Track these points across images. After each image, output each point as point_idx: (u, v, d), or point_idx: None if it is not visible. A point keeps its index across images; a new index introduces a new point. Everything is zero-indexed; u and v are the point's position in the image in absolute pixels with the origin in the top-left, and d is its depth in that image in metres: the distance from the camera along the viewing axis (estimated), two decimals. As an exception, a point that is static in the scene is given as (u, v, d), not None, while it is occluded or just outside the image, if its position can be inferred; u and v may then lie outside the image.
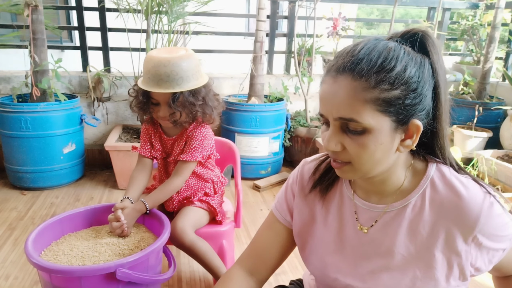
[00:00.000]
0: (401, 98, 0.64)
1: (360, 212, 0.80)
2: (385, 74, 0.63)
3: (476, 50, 3.96)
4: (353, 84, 0.63)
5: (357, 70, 0.63)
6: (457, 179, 0.72)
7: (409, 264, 0.73)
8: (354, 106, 0.64)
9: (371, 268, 0.77)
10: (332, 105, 0.66)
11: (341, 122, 0.67)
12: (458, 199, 0.70)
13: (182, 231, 1.39)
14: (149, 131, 1.54)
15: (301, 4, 3.25)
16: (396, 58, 0.64)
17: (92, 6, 3.20)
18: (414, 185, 0.75)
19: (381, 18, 11.75)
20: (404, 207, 0.74)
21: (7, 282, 1.72)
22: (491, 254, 0.72)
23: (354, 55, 0.65)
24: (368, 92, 0.63)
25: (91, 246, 1.23)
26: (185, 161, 1.45)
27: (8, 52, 3.15)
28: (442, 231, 0.71)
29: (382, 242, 0.76)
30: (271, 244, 0.91)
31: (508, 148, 3.00)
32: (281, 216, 0.92)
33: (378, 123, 0.64)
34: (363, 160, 0.68)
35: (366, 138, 0.65)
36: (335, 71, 0.66)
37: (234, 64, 3.92)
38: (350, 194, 0.82)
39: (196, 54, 1.42)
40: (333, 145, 0.68)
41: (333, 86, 0.66)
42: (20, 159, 2.57)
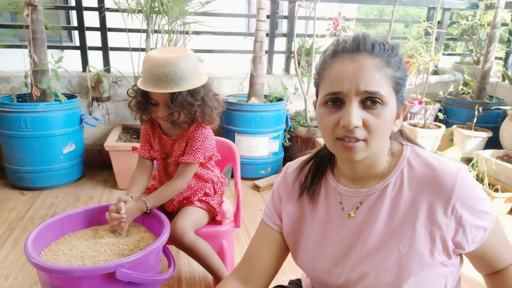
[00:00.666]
0: (403, 79, 0.73)
1: (344, 199, 0.83)
2: (393, 57, 0.72)
3: (476, 50, 3.96)
4: (374, 61, 0.70)
5: (374, 50, 0.70)
6: (431, 156, 0.77)
7: (394, 241, 0.75)
8: (379, 80, 0.69)
9: (359, 253, 0.79)
10: (356, 80, 0.69)
11: (363, 97, 0.69)
12: (433, 172, 0.74)
13: (182, 231, 1.39)
14: (148, 132, 1.54)
15: (301, 4, 3.25)
16: (395, 47, 0.74)
17: (92, 6, 3.20)
18: (393, 166, 0.79)
19: (381, 18, 11.75)
20: (385, 187, 0.78)
21: (7, 282, 1.72)
22: (473, 232, 0.73)
23: (364, 38, 0.71)
24: (387, 68, 0.71)
25: (90, 246, 1.23)
26: (187, 162, 1.45)
27: (8, 52, 3.15)
28: (423, 205, 0.74)
29: (368, 224, 0.79)
30: (264, 250, 0.91)
31: (508, 148, 3.00)
32: (271, 221, 0.92)
33: (391, 99, 0.71)
34: (379, 134, 0.71)
35: (384, 111, 0.70)
36: (350, 51, 0.71)
37: (234, 64, 3.91)
38: (334, 184, 0.84)
39: (195, 54, 1.42)
40: (356, 121, 0.68)
41: (353, 64, 0.70)
42: (20, 159, 2.57)
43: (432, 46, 3.23)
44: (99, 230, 1.35)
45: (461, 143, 3.10)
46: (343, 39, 0.74)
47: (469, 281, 1.82)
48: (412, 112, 3.45)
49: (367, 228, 0.79)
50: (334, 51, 0.73)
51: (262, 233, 0.94)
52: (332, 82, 0.71)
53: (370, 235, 0.78)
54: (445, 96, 3.56)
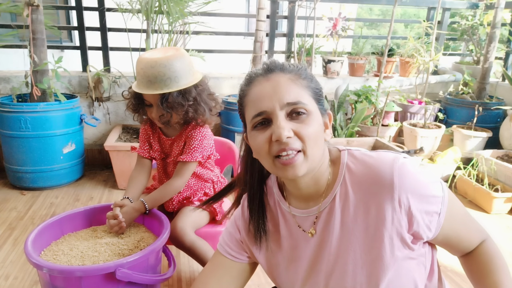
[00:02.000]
0: (319, 89, 0.77)
1: (300, 221, 0.82)
2: (303, 71, 0.77)
3: (476, 50, 3.96)
4: (287, 75, 0.74)
5: (284, 67, 0.76)
6: (367, 156, 0.77)
7: (355, 251, 0.75)
8: (296, 91, 0.73)
9: (326, 270, 0.78)
10: (276, 96, 0.72)
11: (288, 110, 0.71)
12: (371, 171, 0.74)
13: (182, 231, 1.39)
14: (148, 132, 1.54)
15: (301, 4, 3.25)
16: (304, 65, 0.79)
17: (92, 6, 3.20)
18: (335, 176, 0.79)
19: (381, 18, 11.76)
20: (333, 200, 0.77)
21: (7, 282, 1.72)
22: (426, 219, 0.72)
23: (272, 61, 0.77)
24: (301, 80, 0.75)
25: (90, 246, 1.23)
26: (185, 162, 1.45)
27: (8, 52, 3.15)
28: (371, 208, 0.73)
29: (327, 240, 0.78)
30: (210, 281, 0.88)
31: (508, 148, 3.00)
32: (225, 251, 0.90)
33: (314, 107, 0.74)
34: (312, 141, 0.71)
35: (310, 118, 0.72)
36: (263, 74, 0.75)
37: (234, 64, 3.91)
38: (287, 208, 0.84)
39: (187, 54, 1.40)
40: (287, 132, 0.69)
41: (269, 82, 0.74)
42: (20, 159, 2.57)
43: (432, 46, 3.23)
44: (99, 230, 1.36)
45: (461, 143, 3.10)
46: (253, 69, 0.79)
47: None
48: (412, 112, 3.45)
49: (327, 244, 0.78)
50: (249, 79, 0.77)
51: (214, 263, 0.91)
52: (254, 105, 0.73)
53: (331, 250, 0.77)
54: (445, 96, 3.56)
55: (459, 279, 1.83)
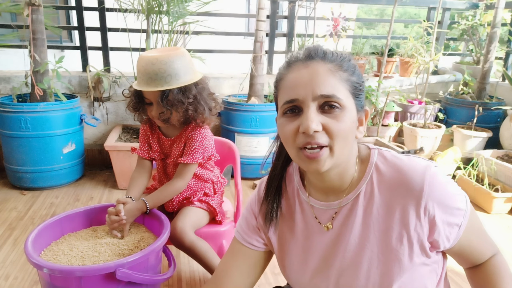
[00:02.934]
0: (359, 84, 0.73)
1: (318, 213, 0.81)
2: (347, 62, 0.73)
3: (476, 50, 3.96)
4: (328, 65, 0.71)
5: (327, 56, 0.72)
6: (398, 159, 0.76)
7: (371, 250, 0.75)
8: (333, 84, 0.69)
9: (340, 265, 0.78)
10: (311, 85, 0.69)
11: (320, 102, 0.69)
12: (401, 175, 0.73)
13: (182, 231, 1.39)
14: (147, 132, 1.54)
15: (301, 4, 3.25)
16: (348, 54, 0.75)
17: (92, 6, 3.20)
18: (362, 174, 0.78)
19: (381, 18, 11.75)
20: (357, 197, 0.77)
21: (7, 282, 1.72)
22: (447, 230, 0.72)
23: (316, 47, 0.73)
24: (341, 72, 0.71)
25: (91, 246, 1.23)
26: (186, 163, 1.45)
27: (8, 52, 3.15)
28: (396, 210, 0.73)
29: (344, 235, 0.78)
30: (232, 269, 0.88)
31: (508, 148, 3.00)
32: (243, 238, 0.90)
33: (350, 103, 0.71)
34: (341, 138, 0.69)
35: (343, 114, 0.69)
36: (303, 60, 0.72)
37: (234, 64, 3.91)
38: (306, 198, 0.83)
39: (188, 52, 1.41)
40: (315, 125, 0.67)
41: (307, 70, 0.70)
42: (20, 159, 2.57)
43: (432, 46, 3.23)
44: (99, 230, 1.36)
45: (461, 143, 3.10)
46: (296, 51, 0.75)
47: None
48: (412, 112, 3.45)
49: (343, 240, 0.78)
50: (288, 62, 0.74)
51: (233, 251, 0.91)
52: (288, 90, 0.71)
53: (348, 247, 0.77)
54: (445, 96, 3.56)
55: (459, 279, 1.83)
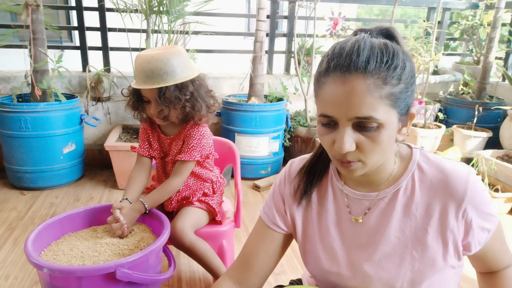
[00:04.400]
0: (404, 91, 0.67)
1: (352, 202, 0.81)
2: (393, 71, 0.65)
3: (476, 50, 3.96)
4: (367, 83, 0.63)
5: (368, 68, 0.64)
6: (441, 160, 0.77)
7: (406, 247, 0.75)
8: (371, 104, 0.64)
9: (371, 257, 0.78)
10: (347, 106, 0.64)
11: (355, 122, 0.66)
12: (445, 176, 0.73)
13: (181, 231, 1.39)
14: (147, 131, 1.55)
15: (301, 4, 3.25)
16: (396, 54, 0.66)
17: (92, 6, 3.20)
18: (403, 170, 0.78)
19: (381, 18, 11.75)
20: (396, 192, 0.77)
21: (7, 282, 1.72)
22: (479, 235, 0.74)
23: (359, 53, 0.64)
24: (381, 88, 0.64)
25: (91, 246, 1.23)
26: (183, 161, 1.45)
27: (8, 52, 3.15)
28: (435, 210, 0.73)
29: (378, 229, 0.77)
30: (261, 251, 0.88)
31: (508, 148, 3.00)
32: (269, 221, 0.89)
33: (389, 117, 0.66)
34: (375, 155, 0.68)
35: (380, 133, 0.66)
36: (342, 71, 0.65)
37: (234, 64, 3.91)
38: (341, 185, 0.82)
39: (185, 50, 1.42)
40: (348, 146, 0.66)
41: (344, 87, 0.64)
42: (20, 159, 2.57)
43: (432, 46, 3.23)
44: (99, 230, 1.35)
45: (461, 143, 3.10)
46: (340, 47, 0.68)
47: (469, 281, 1.82)
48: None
49: (377, 233, 0.77)
50: (327, 68, 0.67)
51: (259, 233, 0.90)
52: (324, 104, 0.68)
53: (382, 240, 0.77)
54: (445, 96, 3.56)
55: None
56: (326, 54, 0.70)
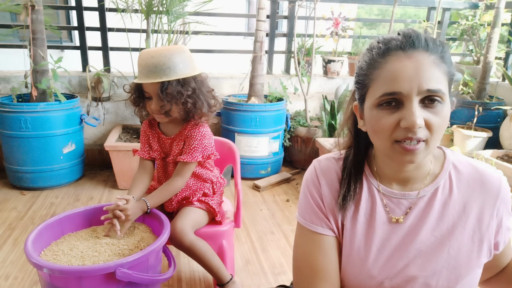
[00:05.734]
0: (453, 74, 0.70)
1: (391, 202, 0.78)
2: (446, 52, 0.69)
3: (476, 50, 3.96)
4: (431, 58, 0.66)
5: (429, 46, 0.67)
6: (472, 160, 0.79)
7: (443, 244, 0.75)
8: (439, 77, 0.66)
9: (406, 256, 0.76)
10: (418, 79, 0.65)
11: (424, 96, 0.66)
12: (480, 175, 0.76)
13: (181, 231, 1.39)
14: (147, 133, 1.55)
15: (301, 4, 3.25)
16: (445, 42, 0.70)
17: (92, 6, 3.20)
18: (439, 169, 0.78)
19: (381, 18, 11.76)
20: (435, 191, 0.77)
21: (7, 282, 1.72)
22: (506, 233, 0.77)
23: (417, 34, 0.68)
24: (443, 64, 0.68)
25: (91, 246, 1.23)
26: (185, 162, 1.45)
27: (8, 52, 3.15)
28: (473, 208, 0.75)
29: (417, 227, 0.76)
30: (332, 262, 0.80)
31: (508, 148, 3.00)
32: (321, 228, 0.81)
33: (447, 96, 0.68)
34: (439, 133, 0.68)
35: (444, 108, 0.68)
36: (404, 49, 0.67)
37: (234, 64, 3.91)
38: (377, 185, 0.80)
39: (187, 49, 1.44)
40: (420, 121, 0.65)
41: (411, 61, 0.66)
42: (20, 159, 2.57)
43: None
44: (99, 230, 1.35)
45: (461, 143, 3.10)
46: (389, 37, 0.70)
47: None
48: (412, 112, 3.44)
49: (415, 231, 0.76)
50: (385, 50, 0.68)
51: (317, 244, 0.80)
52: (388, 82, 0.67)
53: (419, 238, 0.76)
54: (445, 96, 3.56)
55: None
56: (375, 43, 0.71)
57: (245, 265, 1.92)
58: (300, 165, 3.23)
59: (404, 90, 0.66)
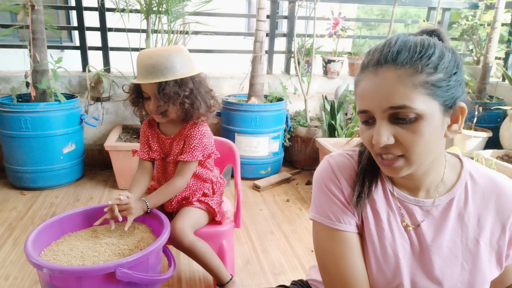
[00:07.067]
0: (445, 80, 0.65)
1: (406, 208, 0.77)
2: (427, 59, 0.64)
3: (476, 50, 3.96)
4: (398, 72, 0.64)
5: (399, 59, 0.64)
6: (491, 171, 0.76)
7: (457, 257, 0.74)
8: (404, 93, 0.63)
9: (420, 267, 0.75)
10: (379, 97, 0.65)
11: (391, 113, 0.65)
12: (496, 187, 0.74)
13: (181, 232, 1.39)
14: (146, 133, 1.55)
15: (301, 4, 3.25)
16: (433, 45, 0.65)
17: (92, 6, 3.20)
18: (455, 178, 0.76)
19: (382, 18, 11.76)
20: (450, 201, 0.75)
21: (7, 282, 1.72)
22: None
23: (391, 46, 0.66)
24: (415, 76, 0.63)
25: (90, 246, 1.23)
26: (186, 161, 1.45)
27: (8, 52, 3.15)
28: (487, 221, 0.73)
29: (431, 238, 0.75)
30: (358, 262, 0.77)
31: (508, 148, 3.00)
32: (347, 225, 0.77)
33: (429, 107, 0.64)
34: (418, 149, 0.65)
35: (420, 124, 0.64)
36: (374, 66, 0.66)
37: (234, 64, 3.91)
38: (392, 188, 0.78)
39: (186, 49, 1.44)
40: (385, 138, 0.65)
41: (376, 79, 0.65)
42: (20, 159, 2.57)
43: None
44: (99, 230, 1.35)
45: (461, 143, 3.10)
46: (375, 48, 0.69)
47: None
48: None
49: (429, 242, 0.75)
50: (362, 65, 0.70)
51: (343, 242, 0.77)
52: (359, 100, 0.69)
53: (434, 250, 0.74)
54: (445, 96, 3.56)
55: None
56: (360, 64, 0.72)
57: (245, 265, 1.92)
58: (300, 165, 3.23)
59: (370, 108, 0.67)
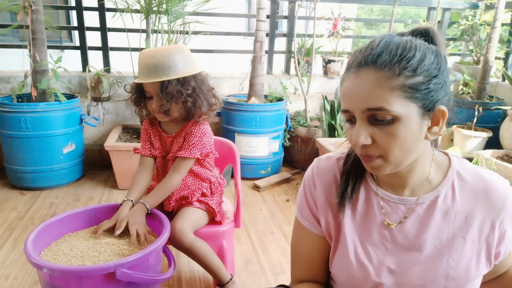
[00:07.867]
0: (424, 83, 0.65)
1: (388, 206, 0.78)
2: (406, 62, 0.64)
3: (476, 50, 3.96)
4: (377, 75, 0.65)
5: (379, 61, 0.65)
6: (480, 169, 0.76)
7: (443, 254, 0.74)
8: (381, 95, 0.64)
9: (404, 263, 0.76)
10: (358, 98, 0.66)
11: (369, 114, 0.66)
12: (486, 185, 0.74)
13: (181, 232, 1.39)
14: (148, 130, 1.55)
15: (301, 4, 3.25)
16: (415, 47, 0.66)
17: (92, 6, 3.20)
18: (442, 177, 0.77)
19: (382, 18, 11.76)
20: (435, 199, 0.75)
21: (7, 282, 1.72)
22: (508, 245, 0.75)
23: (373, 48, 0.66)
24: (393, 80, 0.64)
25: (90, 246, 1.23)
26: (183, 157, 1.45)
27: (8, 52, 3.15)
28: (475, 219, 0.73)
29: (415, 235, 0.76)
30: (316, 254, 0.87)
31: (508, 148, 3.00)
32: (309, 225, 0.86)
33: (406, 110, 0.65)
34: (394, 150, 0.67)
35: (396, 127, 0.65)
36: (356, 67, 0.67)
37: (234, 64, 3.91)
38: (375, 188, 0.80)
39: (187, 48, 1.44)
40: (362, 139, 0.67)
41: (356, 80, 0.67)
42: (20, 159, 2.57)
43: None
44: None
45: (461, 143, 3.10)
46: (359, 49, 0.70)
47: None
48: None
49: (413, 239, 0.76)
50: (348, 65, 0.71)
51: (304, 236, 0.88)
52: (342, 99, 0.70)
53: (418, 246, 0.75)
54: (445, 96, 3.56)
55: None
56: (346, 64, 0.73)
57: (245, 265, 1.92)
58: (300, 165, 3.23)
59: (350, 108, 0.68)
